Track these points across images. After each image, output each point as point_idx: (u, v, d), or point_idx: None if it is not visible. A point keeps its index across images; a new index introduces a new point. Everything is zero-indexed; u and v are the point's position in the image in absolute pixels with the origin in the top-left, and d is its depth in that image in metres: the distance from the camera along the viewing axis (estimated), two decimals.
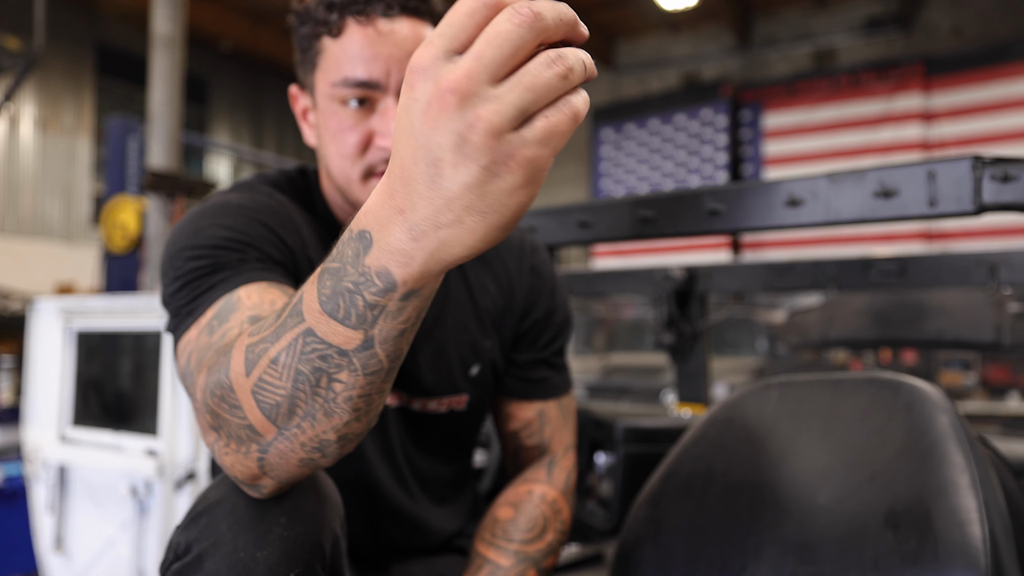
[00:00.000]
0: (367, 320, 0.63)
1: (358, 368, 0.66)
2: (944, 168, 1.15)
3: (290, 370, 0.68)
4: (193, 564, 0.82)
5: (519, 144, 0.54)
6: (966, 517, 0.86)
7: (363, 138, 1.07)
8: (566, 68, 0.55)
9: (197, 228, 1.01)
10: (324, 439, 0.71)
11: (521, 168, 0.55)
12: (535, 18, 0.54)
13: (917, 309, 2.19)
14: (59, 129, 11.91)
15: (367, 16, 1.04)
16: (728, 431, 1.18)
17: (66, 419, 3.00)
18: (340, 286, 0.64)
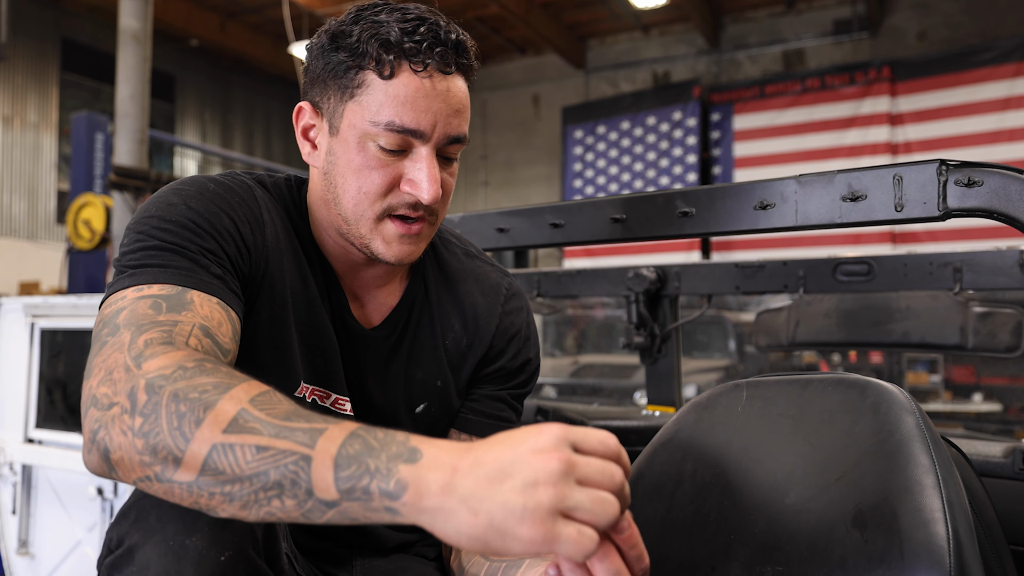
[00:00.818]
0: (353, 495, 0.72)
1: (305, 510, 0.74)
2: (910, 172, 1.16)
3: (262, 464, 0.74)
4: (125, 556, 0.84)
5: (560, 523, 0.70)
6: (931, 516, 0.87)
7: (391, 180, 1.06)
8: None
9: (170, 203, 1.03)
10: (215, 511, 0.77)
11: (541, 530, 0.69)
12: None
13: (883, 311, 2.22)
14: (23, 125, 11.73)
15: (424, 67, 1.03)
16: (697, 432, 1.19)
17: (32, 420, 2.96)
18: (365, 461, 0.73)
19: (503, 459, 0.71)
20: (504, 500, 0.69)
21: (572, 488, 0.70)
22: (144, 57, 6.73)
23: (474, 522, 0.69)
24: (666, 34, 12.94)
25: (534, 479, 0.69)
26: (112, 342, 0.87)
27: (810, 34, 11.75)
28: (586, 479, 0.71)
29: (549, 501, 0.68)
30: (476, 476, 0.71)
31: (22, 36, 11.19)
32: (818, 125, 10.83)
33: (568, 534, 0.69)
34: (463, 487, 0.70)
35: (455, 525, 0.70)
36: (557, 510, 0.69)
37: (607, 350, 8.27)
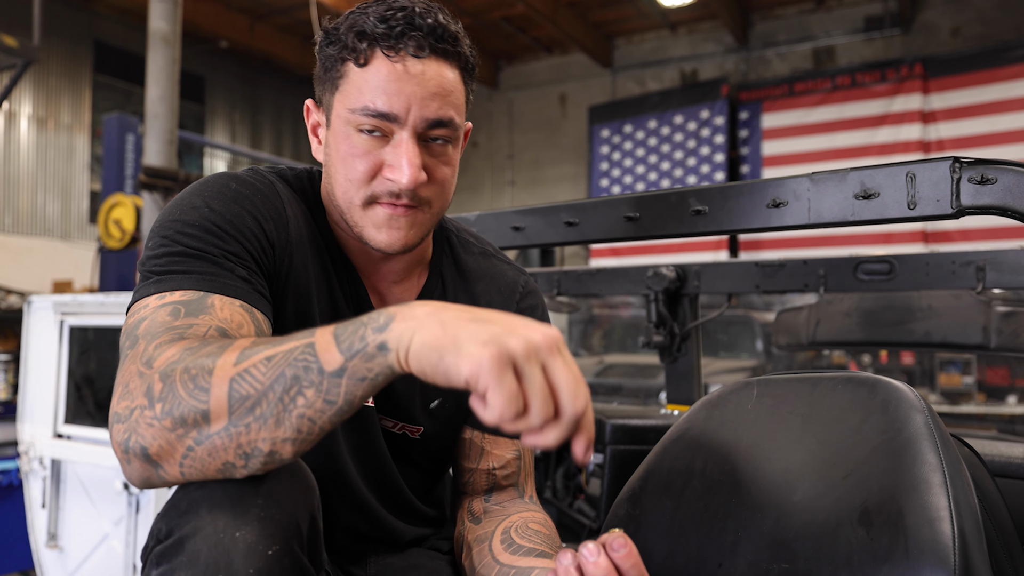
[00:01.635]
0: (352, 351, 0.80)
1: (323, 391, 0.80)
2: (923, 169, 1.15)
3: (277, 368, 0.81)
4: (174, 546, 0.84)
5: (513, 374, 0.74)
6: (936, 515, 0.87)
7: (373, 167, 1.08)
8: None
9: (193, 205, 1.05)
10: (258, 447, 0.82)
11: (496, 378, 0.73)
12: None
13: (905, 310, 2.20)
14: (56, 126, 11.91)
15: (396, 52, 1.05)
16: (707, 429, 1.19)
17: (61, 415, 3.01)
18: (357, 321, 0.82)
19: (493, 315, 0.79)
20: (477, 328, 0.75)
21: (535, 362, 0.75)
22: (173, 59, 6.80)
23: (441, 334, 0.76)
24: (694, 32, 12.86)
25: (512, 330, 0.75)
26: (130, 355, 0.91)
27: (840, 31, 11.62)
28: (552, 372, 0.75)
29: (513, 346, 0.74)
30: (460, 313, 0.79)
31: (56, 39, 11.35)
32: (848, 123, 10.70)
33: (508, 383, 0.73)
34: (445, 314, 0.78)
35: (423, 337, 0.77)
36: (513, 359, 0.74)
37: (632, 350, 8.24)
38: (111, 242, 6.75)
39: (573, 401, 0.75)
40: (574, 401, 0.75)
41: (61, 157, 11.98)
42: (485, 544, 1.20)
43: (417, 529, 1.32)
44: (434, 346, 0.76)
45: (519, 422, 0.74)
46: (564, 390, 0.75)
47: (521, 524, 1.20)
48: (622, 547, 0.83)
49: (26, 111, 11.52)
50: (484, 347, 0.73)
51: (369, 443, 1.23)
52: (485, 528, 1.24)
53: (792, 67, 11.90)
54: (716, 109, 11.62)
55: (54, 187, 11.88)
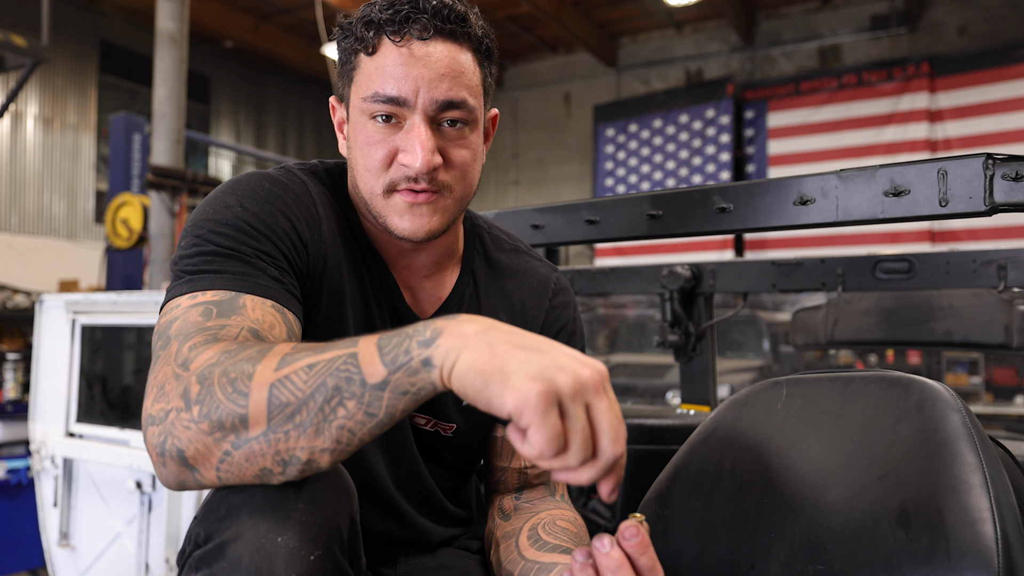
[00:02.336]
0: (396, 364, 0.78)
1: (364, 403, 0.78)
2: (955, 166, 1.14)
3: (319, 377, 0.79)
4: (215, 552, 0.84)
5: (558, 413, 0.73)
6: (978, 516, 0.85)
7: (388, 153, 1.08)
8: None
9: (226, 204, 1.05)
10: (296, 455, 0.81)
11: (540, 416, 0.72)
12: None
13: (925, 309, 2.18)
14: (62, 126, 11.92)
15: (402, 36, 1.05)
16: (737, 429, 1.17)
17: (73, 414, 3.01)
18: (403, 332, 0.80)
19: (543, 343, 0.77)
20: (526, 359, 0.74)
21: (580, 401, 0.73)
22: (181, 58, 6.81)
23: (489, 361, 0.74)
24: (699, 31, 12.84)
25: (561, 365, 0.74)
26: (163, 356, 0.90)
27: (846, 30, 11.60)
28: (595, 413, 0.74)
29: (561, 384, 0.72)
30: (510, 337, 0.77)
31: (62, 39, 11.37)
32: (855, 122, 10.68)
33: (551, 423, 0.72)
34: (494, 336, 0.76)
35: (470, 359, 0.75)
36: (560, 398, 0.72)
37: (639, 349, 8.23)
38: (118, 241, 6.75)
39: (613, 445, 0.74)
40: (614, 445, 0.74)
41: (67, 157, 12.00)
42: (512, 540, 1.20)
43: (447, 529, 1.32)
44: (480, 371, 0.74)
45: (556, 460, 0.73)
46: (605, 433, 0.74)
47: (549, 521, 1.19)
48: (634, 536, 0.83)
49: (32, 111, 11.54)
50: (532, 382, 0.72)
51: (400, 443, 1.22)
52: (514, 524, 1.24)
53: (798, 66, 11.88)
54: (722, 108, 11.60)
55: (60, 187, 11.90)
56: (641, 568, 0.83)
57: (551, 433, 0.71)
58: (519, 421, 0.72)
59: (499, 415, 0.74)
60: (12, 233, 11.22)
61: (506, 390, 0.72)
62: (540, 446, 0.72)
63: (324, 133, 16.09)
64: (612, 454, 0.74)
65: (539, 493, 1.31)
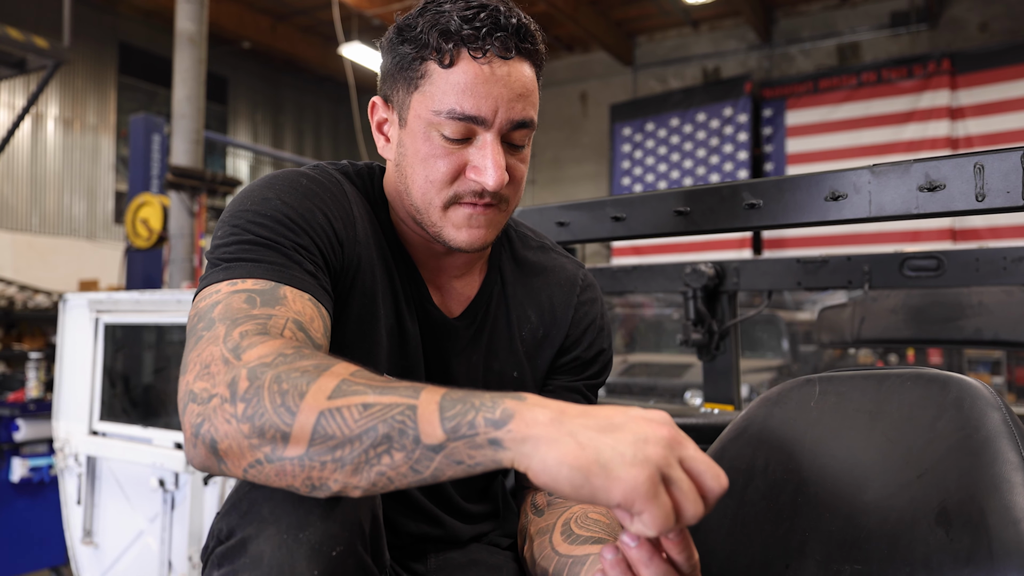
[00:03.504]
0: (457, 434, 0.75)
1: (412, 459, 0.76)
2: (992, 160, 1.13)
3: (370, 420, 0.76)
4: (237, 547, 0.84)
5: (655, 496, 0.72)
6: (1021, 515, 0.84)
7: (456, 168, 1.07)
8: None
9: (264, 197, 1.04)
10: (327, 484, 0.79)
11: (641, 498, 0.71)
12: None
13: (954, 307, 2.16)
14: (82, 128, 12.01)
15: (484, 53, 1.03)
16: (768, 427, 1.16)
17: (96, 412, 3.03)
18: (471, 400, 0.77)
19: (613, 416, 0.75)
20: (614, 443, 0.72)
21: (676, 463, 0.73)
22: (200, 59, 6.83)
23: (580, 454, 0.71)
24: (716, 29, 12.79)
25: (645, 437, 0.72)
26: (208, 336, 0.89)
27: (866, 27, 11.51)
28: (689, 464, 0.74)
29: (657, 458, 0.71)
30: (585, 421, 0.74)
31: (82, 41, 11.44)
32: (874, 120, 10.59)
33: (663, 503, 0.71)
34: (572, 424, 0.74)
35: (559, 454, 0.72)
36: (661, 470, 0.71)
37: (657, 349, 8.19)
38: (138, 241, 6.79)
39: (716, 481, 0.75)
40: (718, 481, 0.75)
41: (87, 158, 12.09)
42: (546, 536, 1.19)
43: (475, 527, 1.32)
44: (576, 467, 0.71)
45: (674, 528, 0.73)
46: (706, 475, 0.75)
47: (581, 515, 1.19)
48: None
49: (52, 112, 11.64)
50: (634, 469, 0.71)
51: None
52: (547, 520, 1.23)
53: (816, 64, 11.80)
54: (739, 107, 11.54)
55: (80, 188, 11.99)
56: (679, 562, 0.81)
57: (664, 512, 0.71)
58: (631, 510, 0.72)
59: (606, 506, 0.73)
60: (33, 233, 11.32)
61: (611, 483, 0.71)
62: (657, 527, 0.71)
63: (340, 133, 16.14)
64: (719, 490, 0.75)
65: None
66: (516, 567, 1.30)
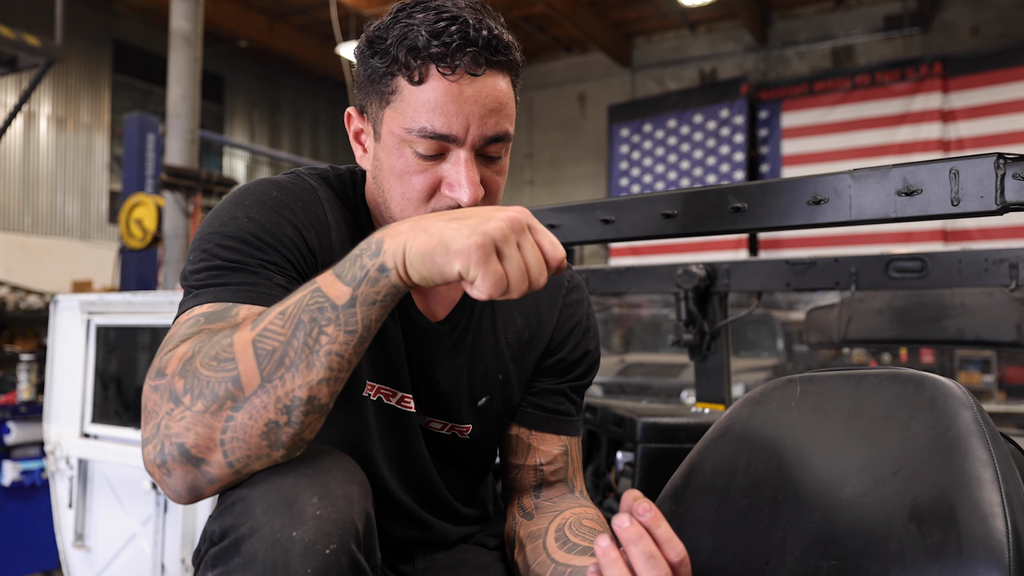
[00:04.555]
0: (356, 280, 0.85)
1: (341, 323, 0.85)
2: (967, 166, 1.15)
3: (293, 319, 0.85)
4: (230, 548, 0.84)
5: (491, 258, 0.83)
6: (989, 511, 0.86)
7: (431, 184, 1.06)
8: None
9: (232, 216, 1.04)
10: (296, 395, 0.84)
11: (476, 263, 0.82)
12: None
13: (937, 307, 2.18)
14: (76, 127, 11.99)
15: (453, 70, 1.01)
16: (751, 427, 1.18)
17: (88, 415, 3.01)
18: (351, 255, 0.88)
19: (469, 211, 0.88)
20: (457, 227, 0.83)
21: (512, 243, 0.84)
22: (195, 58, 6.85)
23: (428, 240, 0.83)
24: (713, 31, 12.83)
25: (487, 218, 0.84)
26: (149, 384, 0.90)
27: (860, 30, 11.57)
28: (523, 251, 0.85)
29: (493, 232, 0.82)
30: (439, 217, 0.87)
31: (75, 39, 11.43)
32: (868, 122, 10.66)
33: (493, 268, 0.82)
34: (426, 221, 0.86)
35: (415, 246, 0.84)
36: (495, 243, 0.82)
37: (653, 349, 8.22)
38: (132, 242, 6.80)
39: (539, 276, 0.85)
40: (539, 276, 0.85)
41: (80, 157, 12.06)
42: (539, 542, 1.19)
43: (462, 528, 1.33)
44: (425, 251, 0.82)
45: (502, 297, 0.83)
46: (532, 267, 0.85)
47: (575, 521, 1.19)
48: (647, 511, 0.86)
49: (45, 111, 11.61)
50: (469, 240, 0.81)
51: (408, 448, 1.23)
52: (538, 525, 1.23)
53: (811, 66, 11.86)
54: (736, 108, 11.60)
55: (73, 187, 11.96)
56: (659, 540, 0.86)
57: (494, 278, 0.82)
58: (467, 276, 0.82)
59: (451, 280, 0.83)
60: (25, 234, 11.29)
61: (450, 256, 0.82)
62: (487, 290, 0.82)
63: (339, 133, 16.14)
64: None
65: (558, 491, 1.31)
66: (504, 567, 1.31)
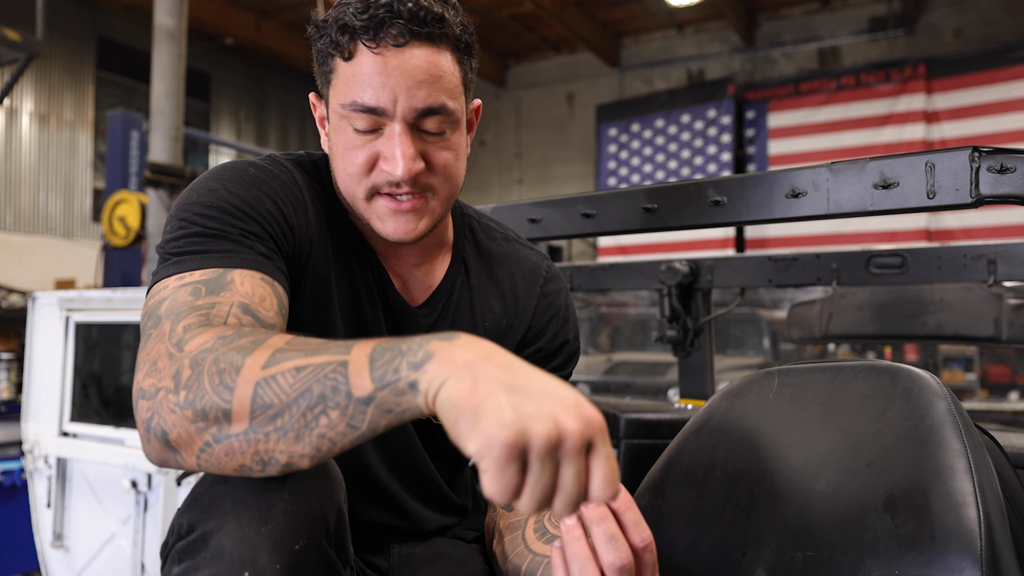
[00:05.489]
0: (383, 383, 0.75)
1: (347, 415, 0.76)
2: (942, 159, 1.15)
3: (305, 383, 0.77)
4: (198, 542, 0.83)
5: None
6: (962, 500, 0.87)
7: (369, 159, 1.07)
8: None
9: (211, 188, 1.05)
10: (275, 457, 0.79)
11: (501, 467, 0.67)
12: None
13: (917, 303, 2.20)
14: (59, 123, 11.88)
15: (378, 43, 1.02)
16: (729, 419, 1.19)
17: (67, 413, 2.98)
18: (399, 347, 0.77)
19: (532, 383, 0.71)
20: (501, 402, 0.68)
21: (550, 460, 0.68)
22: (179, 54, 6.80)
23: (467, 397, 0.69)
24: (700, 32, 12.86)
25: (537, 415, 0.67)
26: (155, 334, 0.90)
27: (845, 31, 11.63)
28: (561, 475, 0.69)
29: (533, 436, 0.66)
30: (500, 373, 0.71)
31: (58, 34, 11.33)
32: (853, 123, 10.71)
33: (508, 477, 0.67)
34: (483, 369, 0.71)
35: (452, 390, 0.70)
36: (523, 451, 0.67)
37: (641, 347, 8.23)
38: (116, 240, 6.75)
39: (566, 509, 0.70)
40: (563, 510, 0.70)
41: (63, 154, 11.95)
42: (518, 532, 1.19)
43: (442, 517, 1.32)
44: (455, 405, 0.69)
45: (506, 505, 0.74)
46: (560, 497, 0.69)
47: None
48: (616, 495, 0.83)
49: (28, 108, 11.49)
50: (501, 430, 0.66)
51: (393, 430, 1.22)
52: (517, 516, 1.23)
53: (798, 67, 11.90)
54: (723, 108, 11.63)
55: (56, 185, 11.84)
56: (626, 524, 0.84)
57: (503, 486, 0.67)
58: (478, 463, 0.68)
59: (467, 454, 0.69)
60: (7, 232, 11.17)
61: (473, 432, 0.68)
62: (491, 494, 0.68)
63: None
64: (561, 515, 0.71)
65: None
66: (482, 560, 1.31)
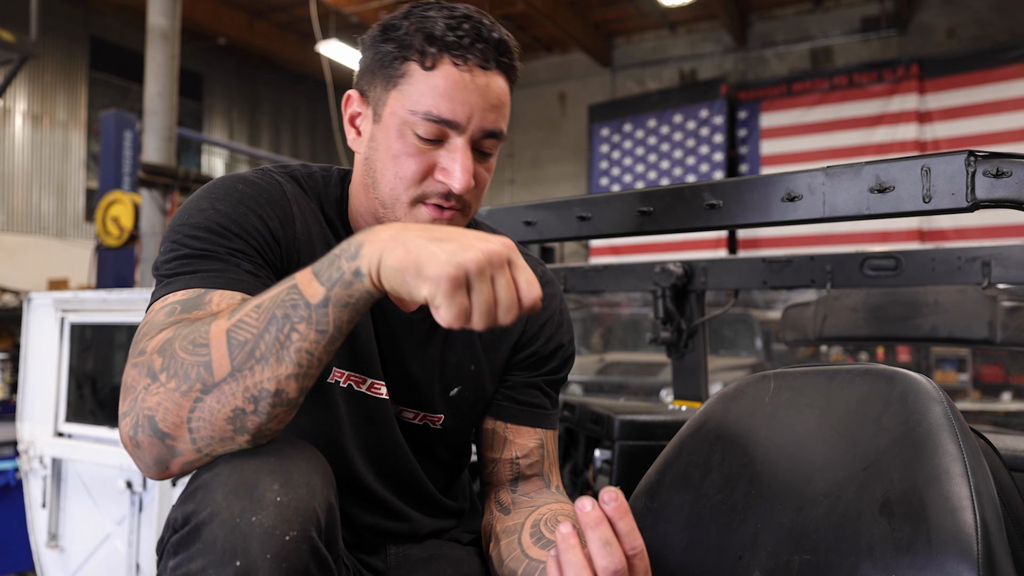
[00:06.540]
0: (332, 281, 0.86)
1: (313, 322, 0.86)
2: (938, 163, 1.16)
3: (267, 313, 0.87)
4: (191, 534, 0.85)
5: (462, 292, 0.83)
6: (958, 504, 0.87)
7: (426, 168, 1.10)
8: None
9: (199, 208, 1.08)
10: (264, 387, 0.86)
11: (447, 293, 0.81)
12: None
13: (911, 305, 2.20)
14: (52, 124, 11.85)
15: (465, 62, 1.07)
16: (725, 422, 1.19)
17: (62, 414, 2.98)
18: (331, 255, 0.89)
19: (451, 232, 0.86)
20: (435, 250, 0.82)
21: (486, 277, 0.83)
22: (172, 55, 6.79)
23: (404, 257, 0.83)
24: (693, 32, 12.88)
25: (467, 247, 0.82)
26: (128, 359, 0.94)
27: (838, 31, 11.65)
28: (496, 286, 0.83)
29: (467, 264, 0.81)
30: (421, 232, 0.86)
31: (51, 35, 11.30)
32: (846, 123, 10.74)
33: (458, 302, 0.81)
34: (408, 235, 0.85)
35: (389, 258, 0.84)
36: (468, 275, 0.81)
37: (633, 348, 8.25)
38: (109, 240, 6.73)
39: (506, 315, 0.84)
40: (507, 315, 0.84)
41: (56, 154, 11.92)
42: (514, 537, 1.20)
43: (438, 521, 1.33)
44: (399, 268, 0.83)
45: (463, 326, 0.83)
46: (501, 304, 0.84)
47: (551, 517, 1.20)
48: (612, 500, 0.86)
49: (21, 108, 11.47)
50: (443, 269, 0.80)
51: (382, 437, 1.24)
52: (515, 520, 1.24)
53: (790, 67, 11.92)
54: (715, 108, 11.64)
55: (49, 185, 11.82)
56: (620, 531, 0.86)
57: (457, 310, 0.81)
58: (433, 303, 0.82)
59: (419, 302, 0.83)
60: (0, 232, 11.15)
61: (420, 280, 0.81)
62: (448, 321, 0.81)
63: (318, 131, 16.07)
64: (506, 321, 0.84)
65: (534, 485, 1.32)
66: (479, 561, 1.32)
